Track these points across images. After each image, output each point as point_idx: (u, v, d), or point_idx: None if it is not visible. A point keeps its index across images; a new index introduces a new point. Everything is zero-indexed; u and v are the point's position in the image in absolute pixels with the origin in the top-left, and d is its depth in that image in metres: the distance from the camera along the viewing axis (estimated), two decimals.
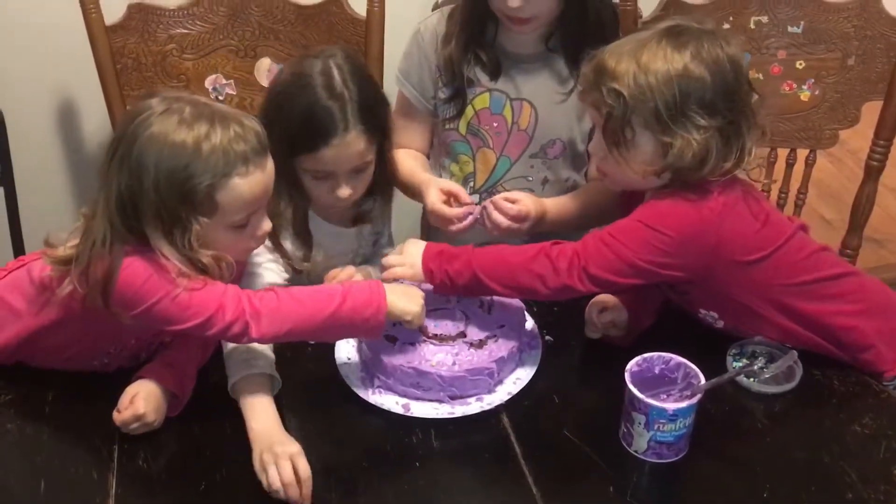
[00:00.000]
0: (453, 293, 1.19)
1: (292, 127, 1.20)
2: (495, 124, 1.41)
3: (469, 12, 1.35)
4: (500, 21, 1.33)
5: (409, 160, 1.45)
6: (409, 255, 1.17)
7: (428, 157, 1.51)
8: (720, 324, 1.23)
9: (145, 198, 0.99)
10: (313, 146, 1.21)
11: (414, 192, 1.40)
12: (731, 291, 1.17)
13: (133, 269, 1.01)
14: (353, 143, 1.22)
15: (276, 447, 1.02)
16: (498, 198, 1.29)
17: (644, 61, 1.10)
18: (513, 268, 1.14)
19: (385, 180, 1.35)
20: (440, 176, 1.47)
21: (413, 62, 1.42)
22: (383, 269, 1.20)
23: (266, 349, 1.14)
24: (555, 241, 1.15)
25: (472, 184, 1.45)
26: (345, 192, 1.26)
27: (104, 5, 1.54)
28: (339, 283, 1.10)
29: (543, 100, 1.39)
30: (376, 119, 1.26)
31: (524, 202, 1.29)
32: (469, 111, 1.40)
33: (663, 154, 1.11)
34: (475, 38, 1.36)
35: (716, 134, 1.10)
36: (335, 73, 1.23)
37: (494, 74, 1.38)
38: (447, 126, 1.43)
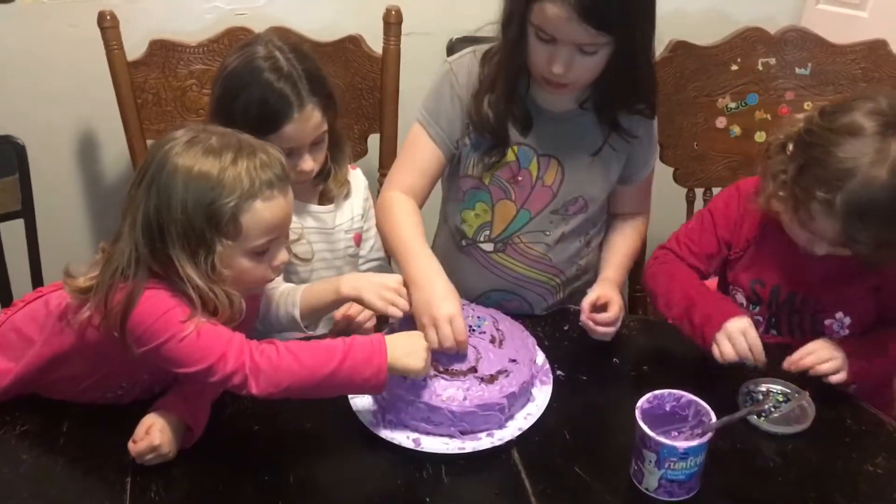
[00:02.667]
0: None
1: (252, 113, 1.27)
2: (520, 178, 1.37)
3: (508, 70, 1.29)
4: (534, 77, 1.31)
5: (415, 227, 1.31)
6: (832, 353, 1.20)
7: (423, 202, 1.42)
8: (845, 332, 1.28)
9: (173, 219, 1.02)
10: (276, 126, 1.29)
11: (410, 271, 1.24)
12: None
13: (147, 306, 1.03)
14: (311, 116, 1.32)
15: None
16: (588, 309, 1.29)
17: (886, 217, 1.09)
18: None
19: (338, 147, 1.44)
20: (448, 220, 1.46)
21: (444, 103, 1.35)
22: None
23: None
24: None
25: (487, 232, 1.42)
26: (308, 164, 1.35)
27: (126, 41, 1.58)
28: (342, 337, 1.10)
29: (571, 158, 1.35)
30: (324, 89, 1.35)
31: (612, 301, 1.30)
32: (493, 163, 1.36)
33: None
34: (510, 93, 1.31)
35: None
36: (278, 54, 1.32)
37: (525, 129, 1.33)
38: (468, 173, 1.39)
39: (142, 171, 1.06)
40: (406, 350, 1.11)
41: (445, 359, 1.21)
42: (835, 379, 1.19)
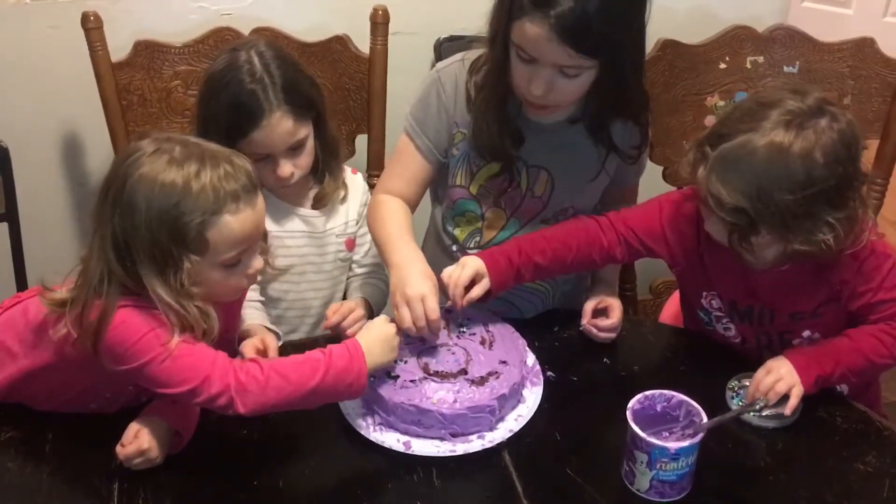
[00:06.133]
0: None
1: (223, 115, 1.27)
2: (509, 190, 1.35)
3: (495, 89, 1.26)
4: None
5: (401, 223, 1.32)
6: (783, 370, 1.17)
7: (414, 208, 1.41)
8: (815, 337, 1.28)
9: (138, 237, 1.00)
10: (244, 131, 1.29)
11: (392, 258, 1.26)
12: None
13: (126, 326, 1.01)
14: (279, 124, 1.30)
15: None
16: (589, 314, 1.31)
17: (762, 175, 1.07)
18: (879, 370, 1.24)
19: (331, 155, 1.43)
20: (437, 224, 1.45)
21: (431, 113, 1.33)
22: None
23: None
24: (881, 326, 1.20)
25: (477, 239, 1.41)
26: (285, 170, 1.33)
27: (110, 42, 1.56)
28: (319, 349, 1.10)
29: (562, 169, 1.33)
30: (302, 98, 1.33)
31: (612, 307, 1.32)
32: (482, 174, 1.34)
33: (792, 249, 1.13)
34: (501, 113, 1.28)
35: (844, 221, 1.11)
36: (256, 59, 1.32)
37: (516, 145, 1.30)
38: (457, 183, 1.36)
39: (105, 186, 1.03)
40: (380, 346, 1.12)
41: (435, 360, 1.20)
42: (795, 393, 1.16)
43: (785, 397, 1.18)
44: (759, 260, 1.19)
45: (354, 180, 1.51)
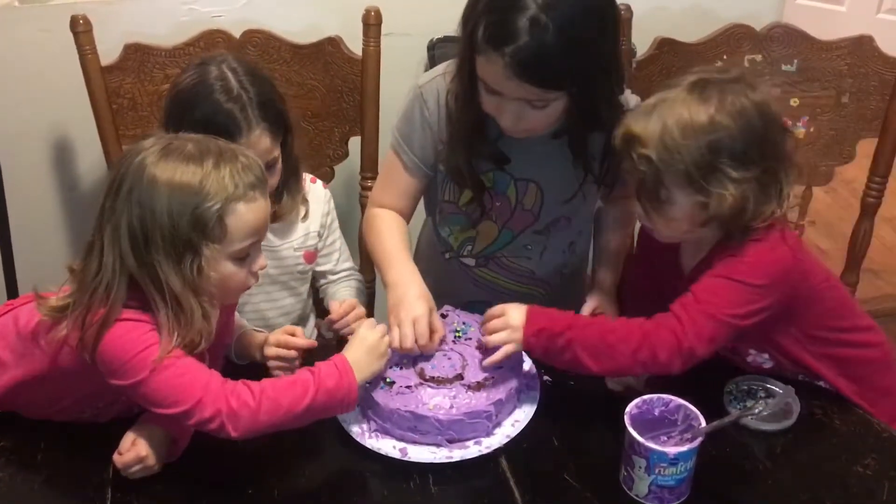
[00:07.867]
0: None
1: (198, 133, 1.20)
2: (498, 204, 1.33)
3: (466, 118, 1.23)
4: None
5: (398, 239, 1.33)
6: (512, 319, 1.15)
7: (408, 219, 1.41)
8: (769, 364, 1.25)
9: (158, 226, 1.00)
10: None
11: (388, 277, 1.27)
12: (789, 330, 1.20)
13: (124, 341, 1.01)
14: (258, 141, 1.27)
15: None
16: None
17: (669, 122, 1.09)
18: (616, 355, 1.12)
19: (292, 173, 1.40)
20: (431, 228, 1.44)
21: (415, 128, 1.31)
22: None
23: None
24: (655, 321, 1.13)
25: (470, 247, 1.40)
26: None
27: (100, 46, 1.55)
28: (308, 368, 1.09)
29: (550, 180, 1.31)
30: (276, 115, 1.31)
31: (607, 315, 1.31)
32: (465, 195, 1.33)
33: (701, 208, 1.12)
34: (477, 137, 1.25)
35: (752, 183, 1.10)
36: (230, 76, 1.28)
37: (499, 163, 1.29)
38: (445, 198, 1.36)
39: (116, 182, 1.03)
40: (368, 358, 1.11)
41: (431, 365, 1.19)
42: (500, 351, 1.14)
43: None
44: (670, 228, 1.17)
45: (314, 190, 1.47)
